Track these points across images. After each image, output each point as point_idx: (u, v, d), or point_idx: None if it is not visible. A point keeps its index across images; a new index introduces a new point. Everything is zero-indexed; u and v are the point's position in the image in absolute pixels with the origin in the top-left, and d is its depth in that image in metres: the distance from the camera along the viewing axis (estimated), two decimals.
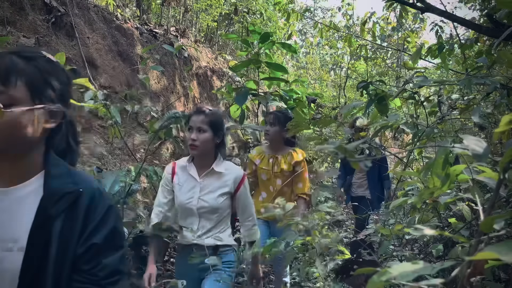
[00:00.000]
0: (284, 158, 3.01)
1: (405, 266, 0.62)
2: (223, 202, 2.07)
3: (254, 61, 4.46)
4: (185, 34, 5.95)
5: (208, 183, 2.07)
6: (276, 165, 3.01)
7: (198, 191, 2.06)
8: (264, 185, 3.10)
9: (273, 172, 3.03)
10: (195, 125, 2.04)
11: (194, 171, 2.10)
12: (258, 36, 4.33)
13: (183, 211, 2.11)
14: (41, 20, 3.12)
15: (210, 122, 2.02)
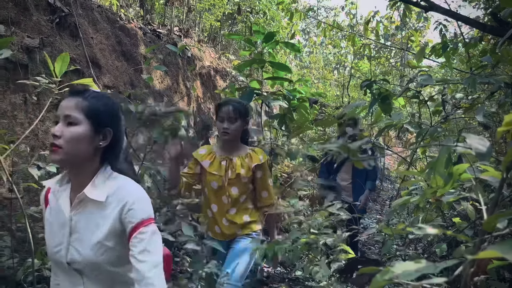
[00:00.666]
0: (241, 160, 2.44)
1: (408, 265, 0.62)
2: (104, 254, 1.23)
3: (257, 61, 4.46)
4: (188, 34, 5.96)
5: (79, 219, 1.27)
6: (230, 169, 2.42)
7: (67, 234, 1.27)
8: (214, 195, 2.47)
9: (226, 179, 2.42)
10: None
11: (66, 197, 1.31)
12: (261, 36, 4.33)
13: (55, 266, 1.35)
14: (45, 21, 3.14)
15: None
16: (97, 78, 3.39)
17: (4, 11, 2.86)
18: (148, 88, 3.93)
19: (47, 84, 2.00)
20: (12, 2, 2.93)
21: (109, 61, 3.63)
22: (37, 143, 2.89)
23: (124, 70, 3.78)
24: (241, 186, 2.44)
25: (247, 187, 2.48)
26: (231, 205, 2.46)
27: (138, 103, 3.47)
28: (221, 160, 2.44)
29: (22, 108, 2.85)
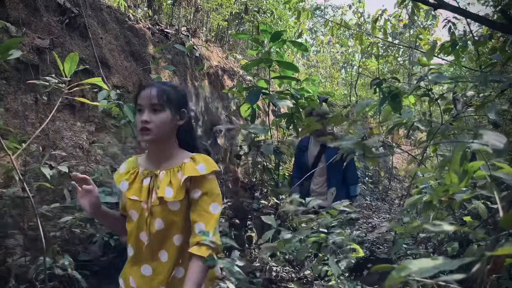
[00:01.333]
0: (171, 176, 1.57)
1: (424, 261, 0.62)
2: None
3: (265, 60, 4.46)
4: (196, 34, 5.97)
5: None
6: (154, 190, 1.57)
7: None
8: (133, 231, 1.62)
9: (148, 205, 1.58)
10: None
11: None
12: (268, 35, 4.33)
13: None
14: (55, 22, 3.16)
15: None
16: (106, 78, 3.41)
17: (14, 12, 2.89)
18: None
19: (56, 84, 2.02)
20: (22, 3, 2.96)
21: (118, 61, 3.65)
22: (48, 142, 2.92)
23: (133, 70, 3.80)
24: (168, 216, 1.55)
25: (180, 218, 1.56)
26: (153, 247, 1.57)
27: None
28: (143, 177, 1.60)
29: (33, 108, 2.87)
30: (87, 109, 3.26)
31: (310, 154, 3.79)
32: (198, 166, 1.56)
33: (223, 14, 6.67)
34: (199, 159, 1.59)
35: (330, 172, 3.56)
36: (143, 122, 1.52)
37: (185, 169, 1.55)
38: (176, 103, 1.59)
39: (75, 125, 3.15)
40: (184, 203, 1.57)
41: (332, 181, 3.58)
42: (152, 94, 1.54)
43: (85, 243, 2.96)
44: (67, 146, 3.04)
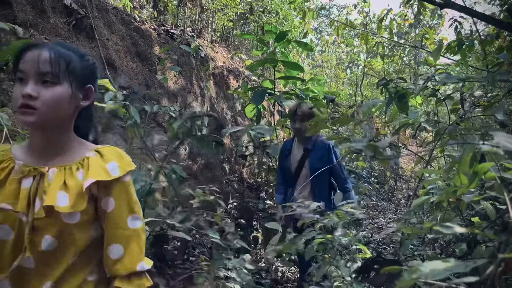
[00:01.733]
0: (67, 175, 1.09)
1: (436, 264, 0.61)
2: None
3: (270, 60, 4.46)
4: (201, 34, 5.98)
5: None
6: (39, 196, 1.05)
7: None
8: (7, 257, 1.04)
9: (28, 218, 1.04)
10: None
11: None
12: (273, 35, 4.33)
13: None
14: (62, 23, 3.18)
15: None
16: (113, 79, 3.43)
17: (22, 14, 2.91)
18: (162, 89, 3.96)
19: None
20: (30, 5, 2.98)
21: (124, 62, 3.67)
22: None
23: (139, 70, 3.81)
24: (63, 233, 1.05)
25: (81, 234, 1.08)
26: (39, 274, 1.05)
27: (153, 103, 3.50)
28: (22, 177, 1.07)
29: None
30: (94, 110, 3.27)
31: (293, 159, 3.31)
32: (108, 165, 1.12)
33: (228, 15, 6.68)
34: (108, 154, 1.15)
35: (314, 179, 3.02)
36: (26, 97, 1.00)
37: (90, 168, 1.10)
38: (80, 75, 1.10)
39: None
40: (89, 214, 1.09)
41: (316, 189, 3.12)
42: (43, 57, 1.04)
43: None
44: None
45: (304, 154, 3.23)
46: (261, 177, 4.97)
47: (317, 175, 2.83)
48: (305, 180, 3.17)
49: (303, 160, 3.22)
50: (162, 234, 2.86)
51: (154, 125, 3.88)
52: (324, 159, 3.09)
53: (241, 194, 4.56)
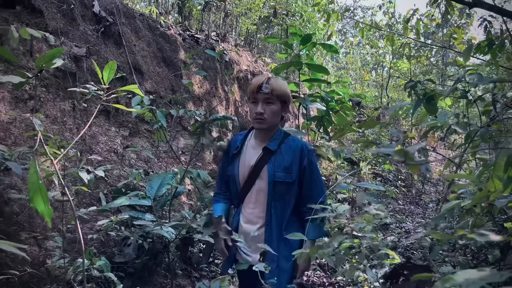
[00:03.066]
0: None
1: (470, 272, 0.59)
2: None
3: (295, 63, 4.45)
4: (225, 39, 6.03)
5: None
6: None
7: None
8: None
9: None
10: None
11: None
12: (298, 38, 4.32)
13: None
14: (91, 30, 3.27)
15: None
16: (140, 84, 3.50)
17: (53, 22, 3.01)
18: (188, 93, 4.01)
19: (95, 92, 2.09)
20: (60, 13, 3.08)
21: (150, 67, 3.74)
22: (84, 147, 3.01)
23: (165, 75, 3.87)
24: None
25: None
26: None
27: (179, 108, 3.55)
28: None
29: (70, 114, 2.98)
30: (121, 115, 3.34)
31: (243, 163, 2.01)
32: None
33: (252, 18, 6.71)
34: None
35: (274, 198, 1.93)
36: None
37: None
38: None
39: (109, 130, 3.25)
40: None
41: (276, 213, 1.93)
42: None
43: (120, 245, 3.03)
44: (102, 151, 3.13)
45: (262, 157, 1.96)
46: None
47: (279, 192, 1.90)
48: (259, 199, 1.96)
49: (260, 166, 1.95)
50: (187, 237, 2.89)
51: (180, 129, 3.93)
52: (293, 168, 1.92)
53: None
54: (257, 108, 1.86)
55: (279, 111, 1.90)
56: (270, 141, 1.94)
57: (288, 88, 1.95)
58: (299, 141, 1.98)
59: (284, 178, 1.90)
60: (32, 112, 2.66)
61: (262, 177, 1.94)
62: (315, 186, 1.96)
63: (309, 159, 1.95)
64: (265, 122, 1.87)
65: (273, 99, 1.85)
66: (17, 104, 2.64)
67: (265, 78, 1.88)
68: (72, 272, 2.47)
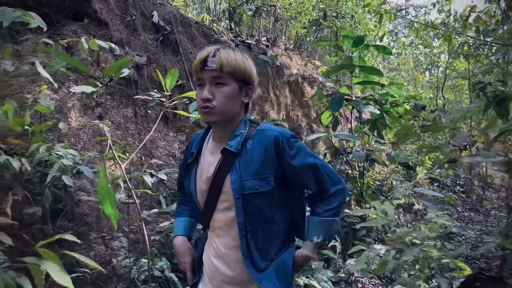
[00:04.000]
0: None
1: None
2: None
3: (347, 66, 4.39)
4: (275, 43, 6.06)
5: None
6: None
7: None
8: None
9: None
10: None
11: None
12: (350, 40, 4.26)
13: None
14: (151, 39, 3.41)
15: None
16: None
17: (117, 33, 3.17)
18: None
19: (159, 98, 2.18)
20: (123, 25, 3.25)
21: None
22: (145, 152, 3.14)
23: None
24: None
25: None
26: None
27: None
28: None
29: (132, 120, 3.12)
30: (179, 120, 3.45)
31: (200, 175, 1.46)
32: None
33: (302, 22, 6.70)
34: None
35: (248, 219, 1.38)
36: None
37: None
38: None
39: (168, 135, 3.36)
40: None
41: (254, 241, 1.39)
42: None
43: None
44: (161, 155, 3.25)
45: (222, 164, 1.40)
46: None
47: (254, 209, 1.35)
48: (228, 222, 1.39)
49: (220, 176, 1.39)
50: None
51: None
52: (268, 169, 1.36)
53: None
54: (203, 93, 1.28)
55: (235, 94, 1.31)
56: (230, 139, 1.35)
57: (249, 62, 1.36)
58: (271, 131, 1.38)
59: (258, 188, 1.32)
60: (99, 119, 2.82)
61: (225, 192, 1.36)
62: (320, 176, 1.36)
63: (292, 148, 1.35)
64: (214, 111, 1.29)
65: (225, 77, 1.28)
66: (85, 111, 2.80)
67: (212, 50, 1.30)
68: (136, 272, 2.57)
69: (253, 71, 1.37)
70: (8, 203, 2.29)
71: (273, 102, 4.63)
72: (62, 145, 2.34)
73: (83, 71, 2.42)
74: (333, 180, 1.38)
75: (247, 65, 1.35)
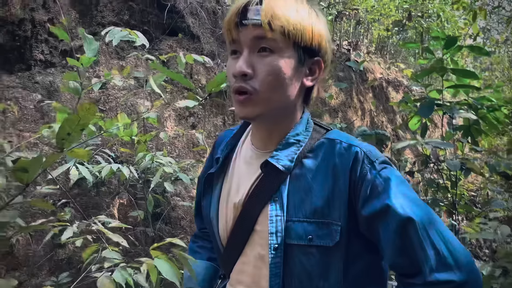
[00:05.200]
0: None
1: None
2: None
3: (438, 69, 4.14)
4: (357, 47, 5.94)
5: None
6: None
7: None
8: None
9: None
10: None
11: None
12: (441, 42, 4.02)
13: None
14: None
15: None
16: None
17: (208, 46, 3.33)
18: (324, 105, 4.04)
19: None
20: (213, 38, 3.40)
21: None
22: None
23: None
24: None
25: None
26: None
27: None
28: None
29: (222, 129, 3.25)
30: None
31: (226, 197, 0.92)
32: None
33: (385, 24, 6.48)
34: None
35: (289, 283, 0.81)
36: None
37: None
38: None
39: None
40: None
41: None
42: None
43: None
44: None
45: (260, 185, 0.85)
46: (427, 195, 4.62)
47: (301, 270, 0.80)
48: (257, 276, 0.85)
49: (255, 205, 0.85)
50: None
51: None
52: (337, 209, 0.79)
53: None
54: (236, 64, 0.77)
55: (292, 70, 0.79)
56: (279, 148, 0.84)
57: (318, 18, 0.81)
58: (348, 144, 0.83)
59: (313, 238, 0.78)
60: (192, 128, 2.98)
61: (259, 232, 0.84)
62: (417, 246, 0.73)
63: (382, 184, 0.77)
64: (254, 98, 0.78)
65: (276, 40, 0.76)
66: (180, 121, 2.98)
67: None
68: None
69: (324, 33, 0.81)
70: (115, 207, 2.51)
71: (357, 108, 4.53)
72: (161, 153, 2.51)
73: (184, 85, 2.57)
74: (449, 259, 0.70)
75: (314, 21, 0.79)
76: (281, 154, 0.82)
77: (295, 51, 0.77)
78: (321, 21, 0.81)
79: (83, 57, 1.33)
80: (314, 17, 0.79)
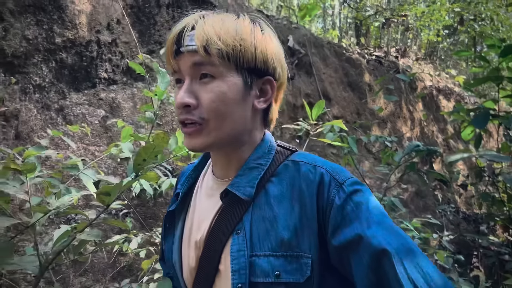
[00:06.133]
0: None
1: None
2: None
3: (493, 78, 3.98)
4: (405, 54, 5.82)
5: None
6: None
7: None
8: None
9: None
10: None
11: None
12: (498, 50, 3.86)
13: None
14: (287, 63, 3.59)
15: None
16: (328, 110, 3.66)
17: None
18: (372, 116, 4.01)
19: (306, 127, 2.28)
20: None
21: (337, 92, 3.88)
22: None
23: (350, 100, 3.96)
24: None
25: None
26: None
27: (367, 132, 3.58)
28: None
29: None
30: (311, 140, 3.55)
31: (188, 235, 0.83)
32: None
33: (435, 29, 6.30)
34: None
35: None
36: None
37: None
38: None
39: None
40: None
41: None
42: None
43: None
44: None
45: (221, 219, 0.76)
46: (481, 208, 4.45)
47: None
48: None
49: (218, 240, 0.75)
50: None
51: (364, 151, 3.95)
52: (306, 240, 0.69)
53: (456, 226, 4.18)
54: (178, 94, 0.72)
55: (238, 94, 0.71)
56: (239, 175, 0.77)
57: (260, 32, 0.73)
58: (313, 166, 0.74)
59: (280, 274, 0.69)
60: None
61: (222, 272, 0.75)
62: (398, 279, 0.60)
63: (353, 210, 0.68)
64: (204, 127, 0.71)
65: (215, 64, 0.69)
66: None
67: (191, 20, 0.71)
68: None
69: (271, 50, 0.73)
70: None
71: (406, 118, 4.45)
72: None
73: None
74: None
75: (258, 38, 0.71)
76: (241, 181, 0.74)
77: (239, 74, 0.69)
78: (267, 37, 0.72)
79: (158, 89, 1.43)
80: (258, 34, 0.71)
